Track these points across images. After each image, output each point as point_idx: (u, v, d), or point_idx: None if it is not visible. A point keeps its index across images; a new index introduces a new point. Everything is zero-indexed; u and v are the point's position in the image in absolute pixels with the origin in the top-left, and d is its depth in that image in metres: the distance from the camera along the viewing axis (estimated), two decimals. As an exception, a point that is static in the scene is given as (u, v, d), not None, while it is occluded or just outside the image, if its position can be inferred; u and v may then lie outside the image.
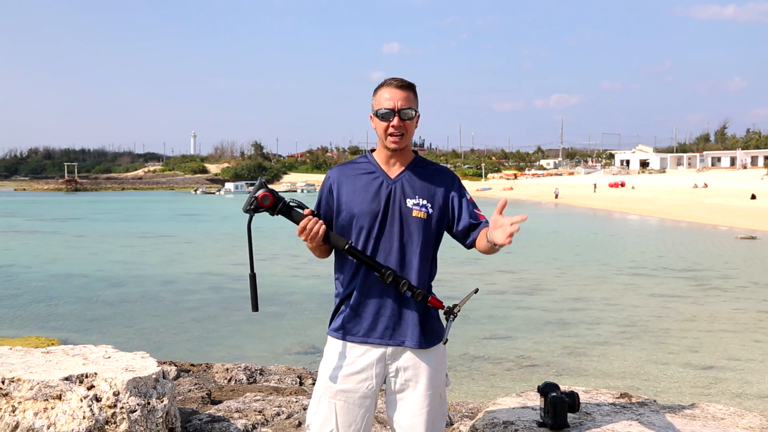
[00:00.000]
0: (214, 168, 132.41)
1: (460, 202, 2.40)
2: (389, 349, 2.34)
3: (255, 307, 2.33)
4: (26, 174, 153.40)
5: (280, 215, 2.32)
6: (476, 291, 2.32)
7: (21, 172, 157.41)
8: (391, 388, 2.36)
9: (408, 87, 2.34)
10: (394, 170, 2.38)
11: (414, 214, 2.33)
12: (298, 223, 2.27)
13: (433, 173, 2.41)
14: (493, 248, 2.27)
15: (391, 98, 2.31)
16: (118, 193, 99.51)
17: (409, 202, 2.34)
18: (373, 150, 2.46)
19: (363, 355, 2.33)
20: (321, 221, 2.27)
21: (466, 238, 2.40)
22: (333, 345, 2.39)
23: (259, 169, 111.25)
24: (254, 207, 2.29)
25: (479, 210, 2.44)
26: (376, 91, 2.38)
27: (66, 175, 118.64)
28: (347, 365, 2.33)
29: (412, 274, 2.33)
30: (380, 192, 2.34)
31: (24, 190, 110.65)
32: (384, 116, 2.32)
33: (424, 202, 2.35)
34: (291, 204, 2.32)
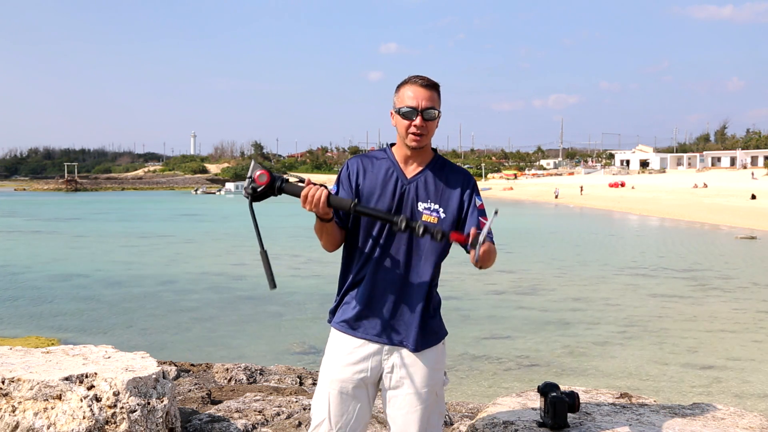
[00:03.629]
0: (214, 168, 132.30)
1: (468, 207, 2.37)
2: (386, 346, 2.34)
3: (272, 285, 2.22)
4: (26, 174, 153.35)
5: (281, 193, 2.26)
6: (496, 213, 2.15)
7: (21, 172, 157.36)
8: (386, 385, 2.36)
9: (433, 87, 2.32)
10: (411, 169, 2.36)
11: (424, 218, 2.31)
12: (299, 196, 2.21)
13: (449, 175, 2.38)
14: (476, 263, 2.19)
15: (414, 97, 2.28)
16: (118, 193, 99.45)
17: (421, 206, 2.32)
18: (392, 144, 2.42)
19: (360, 347, 2.34)
20: (322, 187, 2.21)
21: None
22: (334, 336, 2.41)
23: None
24: (253, 188, 2.24)
25: (485, 218, 2.36)
26: (399, 87, 2.35)
27: (66, 175, 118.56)
28: (345, 356, 2.35)
29: (417, 277, 2.33)
30: (395, 191, 2.33)
31: (24, 190, 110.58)
32: (406, 115, 2.29)
33: (436, 206, 2.33)
34: (289, 180, 2.28)
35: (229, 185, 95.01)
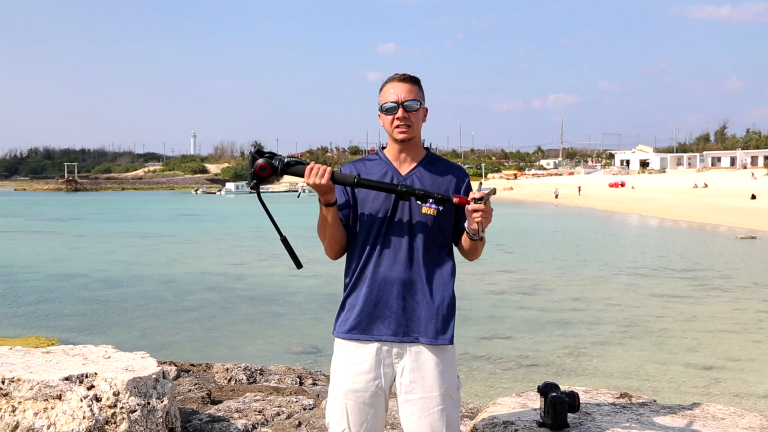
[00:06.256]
0: (214, 168, 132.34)
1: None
2: (395, 348, 2.31)
3: (299, 265, 2.45)
4: (26, 174, 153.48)
5: (284, 175, 2.34)
6: (494, 191, 2.27)
7: (21, 172, 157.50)
8: (399, 389, 2.34)
9: (411, 80, 2.36)
10: (405, 167, 2.38)
11: (424, 211, 2.32)
12: (301, 175, 2.28)
13: (445, 170, 2.40)
14: (472, 240, 2.29)
15: (395, 92, 2.32)
16: (118, 193, 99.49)
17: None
18: (384, 147, 2.46)
19: (371, 354, 2.32)
20: (326, 166, 2.26)
21: (459, 239, 2.40)
22: (342, 346, 2.38)
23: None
24: (257, 181, 2.33)
25: None
26: (381, 88, 2.39)
27: (66, 175, 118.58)
28: (356, 365, 2.32)
29: (421, 270, 2.32)
30: None
31: (24, 190, 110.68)
32: (389, 110, 2.33)
33: None
34: (290, 162, 2.32)
35: (230, 185, 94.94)
